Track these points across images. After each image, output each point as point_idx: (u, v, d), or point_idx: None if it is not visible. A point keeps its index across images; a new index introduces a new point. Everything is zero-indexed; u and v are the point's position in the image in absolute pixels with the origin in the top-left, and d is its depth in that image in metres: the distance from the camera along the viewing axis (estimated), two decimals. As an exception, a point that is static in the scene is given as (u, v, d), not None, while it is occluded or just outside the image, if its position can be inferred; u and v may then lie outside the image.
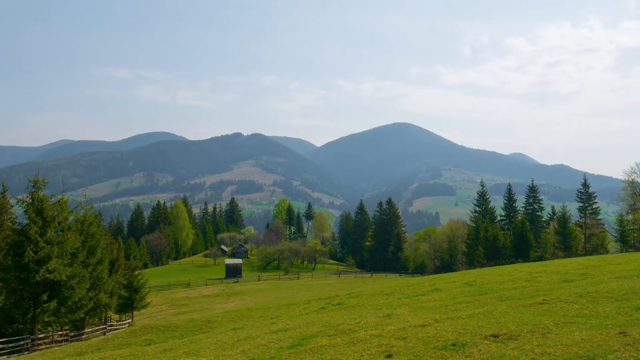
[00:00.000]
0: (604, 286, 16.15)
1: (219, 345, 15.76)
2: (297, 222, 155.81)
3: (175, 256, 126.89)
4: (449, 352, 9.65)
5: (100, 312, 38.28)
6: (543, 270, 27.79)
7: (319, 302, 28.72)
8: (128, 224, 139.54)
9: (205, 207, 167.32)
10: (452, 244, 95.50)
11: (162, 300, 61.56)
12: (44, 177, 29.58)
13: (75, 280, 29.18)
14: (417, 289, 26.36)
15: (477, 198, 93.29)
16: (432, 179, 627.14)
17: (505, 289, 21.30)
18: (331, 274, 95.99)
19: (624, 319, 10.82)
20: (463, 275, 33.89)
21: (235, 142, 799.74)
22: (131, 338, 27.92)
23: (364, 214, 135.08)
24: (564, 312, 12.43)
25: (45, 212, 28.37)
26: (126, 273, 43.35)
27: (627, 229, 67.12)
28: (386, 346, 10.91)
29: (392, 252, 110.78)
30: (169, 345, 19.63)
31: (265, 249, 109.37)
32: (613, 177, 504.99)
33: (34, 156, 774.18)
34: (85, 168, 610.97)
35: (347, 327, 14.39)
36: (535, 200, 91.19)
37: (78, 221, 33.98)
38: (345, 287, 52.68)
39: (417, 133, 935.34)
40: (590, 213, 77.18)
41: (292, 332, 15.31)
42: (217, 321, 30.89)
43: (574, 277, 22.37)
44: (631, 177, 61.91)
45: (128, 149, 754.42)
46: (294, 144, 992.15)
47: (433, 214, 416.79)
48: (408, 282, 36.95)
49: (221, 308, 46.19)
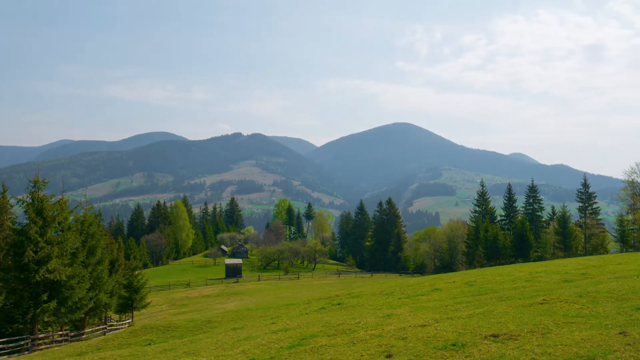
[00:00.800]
0: (604, 286, 16.15)
1: (219, 345, 15.75)
2: (297, 222, 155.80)
3: (175, 256, 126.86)
4: (449, 352, 9.64)
5: (100, 312, 38.27)
6: (543, 270, 27.78)
7: (319, 302, 28.72)
8: (128, 224, 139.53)
9: (205, 207, 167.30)
10: (452, 244, 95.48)
11: (162, 300, 61.56)
12: (44, 177, 29.57)
13: (75, 280, 29.17)
14: (417, 289, 26.36)
15: (477, 198, 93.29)
16: (432, 179, 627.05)
17: (505, 289, 21.30)
18: (331, 274, 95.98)
19: (624, 319, 10.82)
20: (463, 275, 33.89)
21: (235, 142, 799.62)
22: (131, 338, 27.92)
23: (364, 214, 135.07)
24: (564, 312, 12.43)
25: (45, 212, 28.36)
26: (126, 273, 43.34)
27: (627, 229, 67.09)
28: (386, 346, 10.91)
29: (392, 252, 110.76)
30: (169, 345, 19.62)
31: (265, 249, 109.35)
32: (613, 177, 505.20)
33: (34, 156, 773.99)
34: (85, 168, 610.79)
35: (347, 327, 14.39)
36: (535, 200, 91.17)
37: (78, 221, 33.97)
38: (345, 287, 52.69)
39: (417, 133, 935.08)
40: (590, 213, 77.17)
41: (292, 332, 15.31)
42: (217, 321, 30.89)
43: (574, 277, 22.37)
44: (631, 177, 61.90)
45: (128, 149, 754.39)
46: (294, 144, 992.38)
47: (433, 214, 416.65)
48: (408, 282, 36.95)
49: (221, 308, 46.18)
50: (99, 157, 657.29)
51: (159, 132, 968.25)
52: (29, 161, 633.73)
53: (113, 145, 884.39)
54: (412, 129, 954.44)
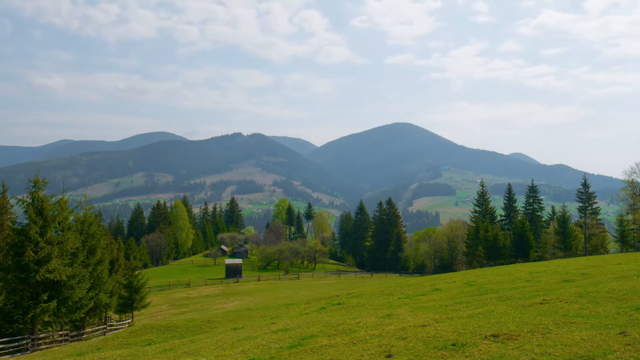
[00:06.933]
0: (604, 286, 16.16)
1: (219, 345, 15.75)
2: (297, 222, 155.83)
3: (175, 256, 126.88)
4: (449, 352, 9.65)
5: (100, 312, 38.27)
6: (543, 270, 27.81)
7: (319, 302, 28.72)
8: (128, 224, 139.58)
9: (205, 207, 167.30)
10: (452, 244, 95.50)
11: (162, 300, 61.55)
12: (44, 177, 29.55)
13: (76, 280, 29.17)
14: (417, 289, 26.36)
15: (477, 198, 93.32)
16: (432, 179, 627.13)
17: (505, 289, 21.30)
18: (331, 274, 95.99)
19: (624, 319, 10.82)
20: (463, 275, 33.91)
21: (235, 142, 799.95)
22: (131, 338, 27.90)
23: (364, 214, 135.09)
24: (564, 312, 12.43)
25: (45, 212, 28.35)
26: (126, 273, 43.35)
27: (627, 229, 67.06)
28: (386, 346, 10.91)
29: (392, 252, 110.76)
30: (169, 345, 19.62)
31: (265, 249, 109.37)
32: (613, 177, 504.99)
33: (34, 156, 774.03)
34: (85, 168, 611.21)
35: (347, 327, 14.39)
36: (535, 200, 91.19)
37: (78, 221, 33.95)
38: (345, 287, 52.64)
39: (417, 133, 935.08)
40: (590, 213, 77.15)
41: (292, 332, 15.31)
42: (217, 321, 30.86)
43: (574, 277, 22.38)
44: (631, 177, 61.80)
45: (128, 149, 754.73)
46: (294, 144, 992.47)
47: (433, 214, 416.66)
48: (408, 282, 36.97)
49: (221, 308, 46.17)
50: (99, 157, 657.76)
51: (159, 132, 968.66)
52: (29, 161, 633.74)
53: (113, 145, 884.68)
54: (412, 129, 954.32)
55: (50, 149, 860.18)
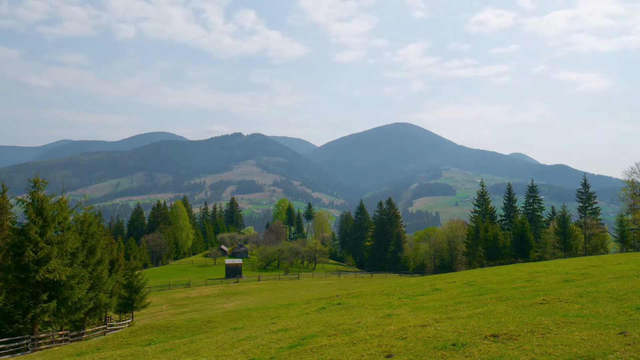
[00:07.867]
0: (604, 286, 16.16)
1: (219, 345, 15.74)
2: (297, 222, 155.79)
3: (175, 256, 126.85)
4: (449, 352, 9.64)
5: (100, 312, 38.26)
6: (543, 270, 27.81)
7: (319, 302, 28.71)
8: (128, 224, 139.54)
9: (205, 207, 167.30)
10: (452, 244, 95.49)
11: (162, 300, 61.54)
12: (44, 177, 29.54)
13: (75, 281, 29.16)
14: (417, 289, 26.36)
15: (477, 198, 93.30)
16: (432, 179, 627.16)
17: (505, 289, 21.30)
18: (331, 274, 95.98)
19: (624, 319, 10.82)
20: (463, 275, 33.92)
21: (235, 142, 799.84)
22: (131, 338, 27.88)
23: (364, 214, 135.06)
24: (564, 312, 12.43)
25: (45, 212, 28.34)
26: (126, 273, 43.34)
27: (627, 229, 67.07)
28: (386, 346, 10.90)
29: (392, 252, 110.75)
30: (169, 345, 19.61)
31: (265, 249, 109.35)
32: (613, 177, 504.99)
33: (34, 156, 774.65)
34: (85, 168, 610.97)
35: (347, 327, 14.38)
36: (535, 200, 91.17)
37: (78, 221, 33.94)
38: (345, 287, 52.62)
39: (417, 133, 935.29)
40: (590, 213, 77.16)
41: (292, 332, 15.30)
42: (217, 321, 30.85)
43: (574, 277, 22.38)
44: (631, 177, 61.79)
45: (128, 149, 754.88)
46: (294, 144, 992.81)
47: (433, 214, 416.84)
48: (408, 282, 36.97)
49: (221, 308, 46.16)
50: (99, 157, 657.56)
51: (159, 132, 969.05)
52: (29, 161, 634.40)
53: (113, 145, 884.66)
54: (412, 129, 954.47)
55: (50, 149, 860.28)
